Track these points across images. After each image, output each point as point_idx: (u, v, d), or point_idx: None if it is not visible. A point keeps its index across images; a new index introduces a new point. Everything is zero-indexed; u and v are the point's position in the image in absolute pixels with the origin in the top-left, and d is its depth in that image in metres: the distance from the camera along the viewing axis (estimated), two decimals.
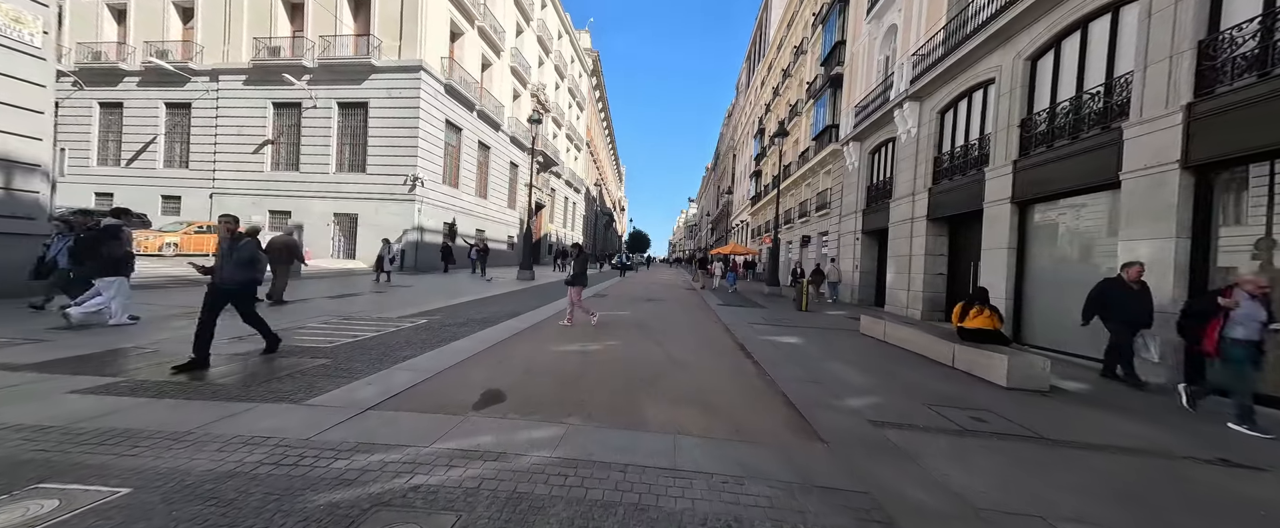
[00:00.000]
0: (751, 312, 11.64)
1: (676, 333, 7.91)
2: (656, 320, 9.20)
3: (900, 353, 7.00)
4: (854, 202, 16.46)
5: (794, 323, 9.97)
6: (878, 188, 15.22)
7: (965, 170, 10.56)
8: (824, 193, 20.33)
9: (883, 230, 14.55)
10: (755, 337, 7.84)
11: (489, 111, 24.73)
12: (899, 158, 13.24)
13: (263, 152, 20.03)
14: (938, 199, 11.38)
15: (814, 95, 21.45)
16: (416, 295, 10.89)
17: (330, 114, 19.44)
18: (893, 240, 13.28)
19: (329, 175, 19.44)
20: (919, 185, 12.06)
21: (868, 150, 15.77)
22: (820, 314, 11.99)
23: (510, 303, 10.40)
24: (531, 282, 17.31)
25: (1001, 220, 8.83)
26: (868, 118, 15.13)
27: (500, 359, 5.32)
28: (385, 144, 18.99)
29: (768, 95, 35.47)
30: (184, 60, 20.21)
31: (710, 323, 9.41)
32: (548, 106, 35.13)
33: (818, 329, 9.27)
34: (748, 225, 41.45)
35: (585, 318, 8.14)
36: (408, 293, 11.39)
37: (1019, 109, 8.70)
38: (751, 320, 9.97)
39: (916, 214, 12.09)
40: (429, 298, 10.54)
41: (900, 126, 13.02)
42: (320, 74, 19.29)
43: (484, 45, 24.38)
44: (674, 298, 14.65)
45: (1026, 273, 8.57)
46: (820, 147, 20.46)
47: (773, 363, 5.87)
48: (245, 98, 20.08)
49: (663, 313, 10.53)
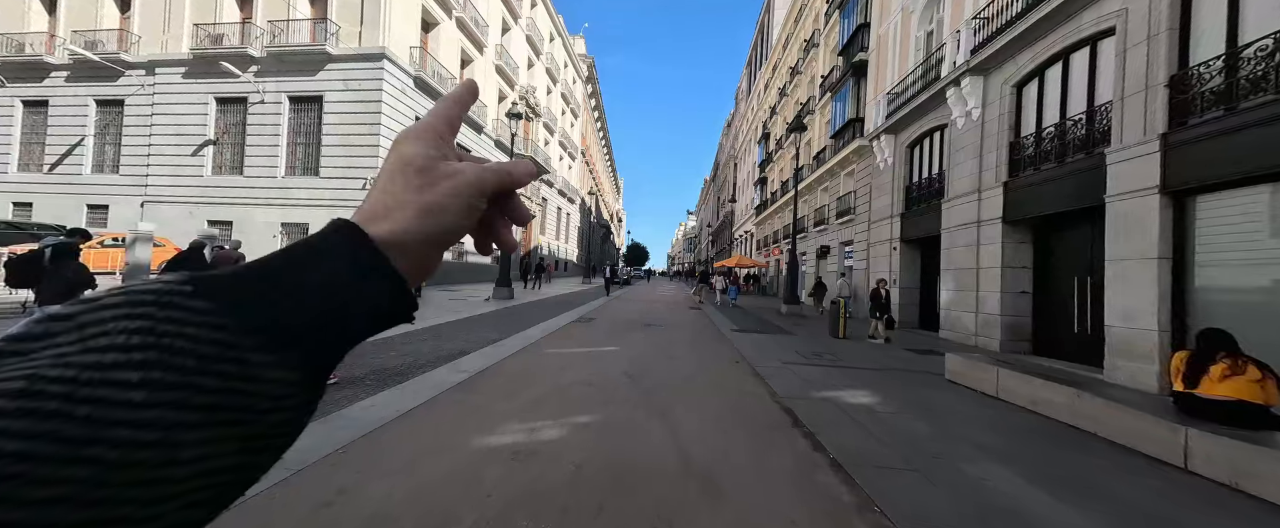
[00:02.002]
0: (778, 341, 8.98)
1: (687, 389, 5.23)
2: (656, 364, 6.52)
3: (1061, 431, 4.33)
4: (888, 205, 13.92)
5: (844, 360, 7.30)
6: (921, 187, 12.70)
7: (1062, 156, 8.03)
8: (846, 197, 17.83)
9: (930, 238, 11.98)
10: (808, 393, 5.18)
11: (470, 112, 22.30)
12: (954, 149, 10.74)
13: (203, 154, 17.49)
14: (1019, 196, 8.82)
15: (831, 89, 19.10)
16: None
17: (280, 110, 16.97)
18: (948, 250, 10.70)
19: (277, 180, 16.87)
20: (988, 180, 9.52)
21: (905, 144, 13.29)
22: (865, 344, 9.32)
23: (458, 337, 7.72)
24: (508, 301, 14.64)
25: (1143, 218, 6.25)
26: (904, 106, 12.69)
27: (342, 489, 2.63)
28: (342, 144, 16.48)
29: (773, 98, 33.32)
30: (119, 52, 17.79)
31: (732, 366, 6.73)
32: (538, 111, 32.89)
33: (882, 373, 6.61)
34: (752, 236, 38.98)
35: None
36: None
37: (1165, 62, 6.19)
38: (785, 357, 7.31)
39: (985, 216, 9.52)
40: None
41: (955, 109, 10.54)
42: (269, 64, 16.87)
43: (463, 39, 22.11)
44: (677, 320, 11.98)
45: (1192, 294, 5.95)
46: (840, 145, 18.04)
47: (871, 467, 3.20)
48: (185, 93, 17.62)
49: (664, 348, 7.85)
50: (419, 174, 0.33)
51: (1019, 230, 9.01)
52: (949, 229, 10.67)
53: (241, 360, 0.23)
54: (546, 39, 35.39)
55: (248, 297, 0.25)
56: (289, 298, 0.25)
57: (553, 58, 36.91)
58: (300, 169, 17.06)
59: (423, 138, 0.34)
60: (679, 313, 14.43)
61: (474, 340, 7.34)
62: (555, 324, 9.83)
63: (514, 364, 5.86)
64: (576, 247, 48.92)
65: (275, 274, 0.26)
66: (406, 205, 0.31)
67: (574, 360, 6.27)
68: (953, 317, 10.43)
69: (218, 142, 17.54)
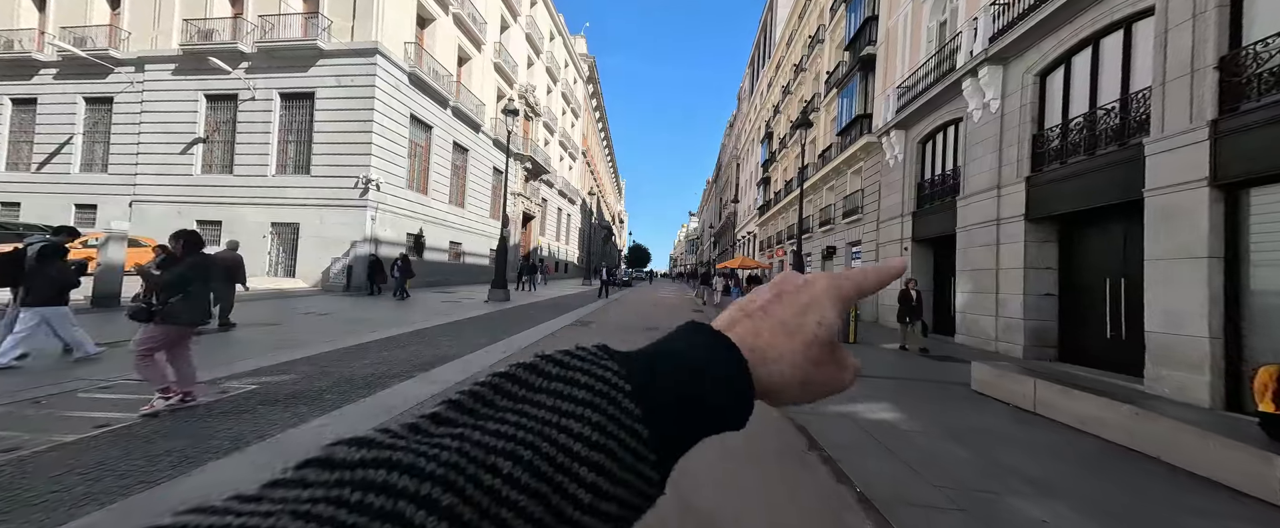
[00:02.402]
0: None
1: None
2: None
3: (1120, 457, 3.77)
4: (898, 203, 13.36)
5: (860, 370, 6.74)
6: (934, 184, 12.13)
7: (1092, 148, 7.46)
8: (853, 196, 17.26)
9: (944, 238, 11.42)
10: (823, 407, 4.63)
11: (467, 110, 21.90)
12: (971, 143, 10.17)
13: (192, 152, 17.06)
14: (1043, 192, 8.25)
15: (837, 84, 18.56)
16: (306, 330, 7.68)
17: (271, 106, 16.53)
18: (964, 250, 10.13)
19: (267, 178, 16.42)
20: (1009, 175, 8.96)
21: (917, 139, 12.73)
22: (878, 349, 8.76)
23: (441, 342, 7.19)
24: (504, 304, 14.14)
25: (1190, 213, 5.68)
26: (916, 99, 12.14)
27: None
28: (333, 141, 16.02)
29: (776, 97, 32.79)
30: (108, 48, 17.40)
31: None
32: (538, 110, 32.45)
33: (900, 383, 6.05)
34: (755, 237, 38.41)
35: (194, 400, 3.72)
36: (301, 325, 8.21)
37: (1214, 42, 5.62)
38: None
39: (1005, 214, 8.95)
40: (319, 334, 7.30)
41: (972, 101, 9.98)
42: (260, 60, 16.44)
43: (461, 36, 21.67)
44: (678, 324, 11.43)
45: (1246, 296, 5.38)
46: (847, 142, 17.48)
47: (907, 505, 2.66)
48: (174, 90, 17.20)
49: None
50: (824, 349, 0.34)
51: (1043, 228, 8.43)
52: (965, 228, 10.10)
53: (633, 431, 0.26)
54: (546, 38, 34.97)
55: (647, 378, 0.28)
56: (671, 390, 0.28)
57: (553, 57, 36.48)
58: (291, 168, 16.61)
59: (840, 305, 0.35)
60: (680, 314, 13.88)
61: (458, 346, 6.82)
62: (548, 328, 9.31)
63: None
64: (577, 248, 48.43)
65: (670, 368, 0.29)
66: (797, 369, 0.33)
67: None
68: (970, 320, 9.85)
69: (208, 140, 17.11)
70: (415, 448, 0.22)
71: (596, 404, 0.26)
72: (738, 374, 0.30)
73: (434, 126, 19.82)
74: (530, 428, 0.24)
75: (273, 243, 16.30)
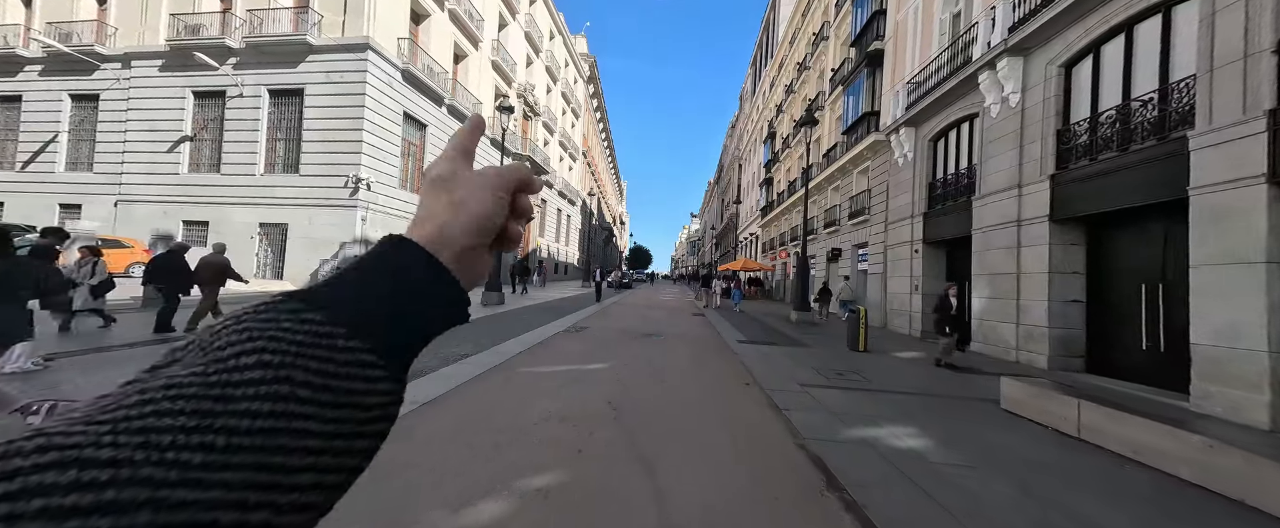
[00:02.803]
0: (792, 355, 7.87)
1: (685, 427, 4.14)
2: (649, 390, 5.45)
3: (1194, 498, 3.21)
4: (908, 204, 12.81)
5: (872, 381, 6.18)
6: (946, 184, 11.58)
7: (1124, 143, 6.91)
8: (859, 197, 16.71)
9: (956, 240, 10.88)
10: (839, 432, 4.09)
11: (464, 109, 21.42)
12: (988, 140, 9.63)
13: (179, 150, 16.60)
14: (1069, 191, 7.70)
15: (843, 81, 18.02)
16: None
17: (259, 104, 16.07)
18: (981, 253, 9.58)
19: (255, 177, 15.96)
20: (1031, 173, 8.40)
21: (928, 137, 12.18)
22: (892, 359, 8.20)
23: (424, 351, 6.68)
24: (497, 308, 13.62)
25: (1245, 214, 5.12)
26: (928, 95, 11.60)
27: None
28: (323, 139, 15.54)
29: (779, 96, 32.27)
30: (94, 44, 16.97)
31: (740, 390, 5.63)
32: (537, 109, 31.99)
33: (921, 400, 5.50)
34: (758, 239, 37.85)
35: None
36: None
37: (1271, 22, 5.07)
38: (803, 377, 6.22)
39: (1028, 214, 8.40)
40: None
41: (989, 96, 9.44)
42: (248, 56, 15.99)
43: (457, 32, 21.21)
44: (677, 329, 10.89)
45: None
46: (853, 141, 16.94)
47: None
48: (161, 87, 16.76)
49: (660, 365, 6.78)
50: (441, 182, 0.39)
51: (1069, 230, 7.88)
52: (982, 229, 9.55)
53: (332, 346, 0.28)
54: (546, 36, 34.53)
55: (325, 299, 0.30)
56: (360, 297, 0.31)
57: (553, 56, 36.03)
58: (280, 166, 16.14)
59: (441, 160, 0.41)
60: (680, 320, 13.35)
61: (440, 356, 6.29)
62: (540, 335, 8.78)
63: (475, 391, 4.80)
64: (578, 249, 47.93)
65: (345, 282, 0.32)
66: (438, 210, 0.38)
67: (550, 384, 5.20)
68: (987, 327, 9.29)
69: (195, 137, 16.66)
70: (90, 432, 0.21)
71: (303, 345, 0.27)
72: (391, 246, 0.35)
73: (429, 125, 19.35)
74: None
75: (260, 244, 15.82)
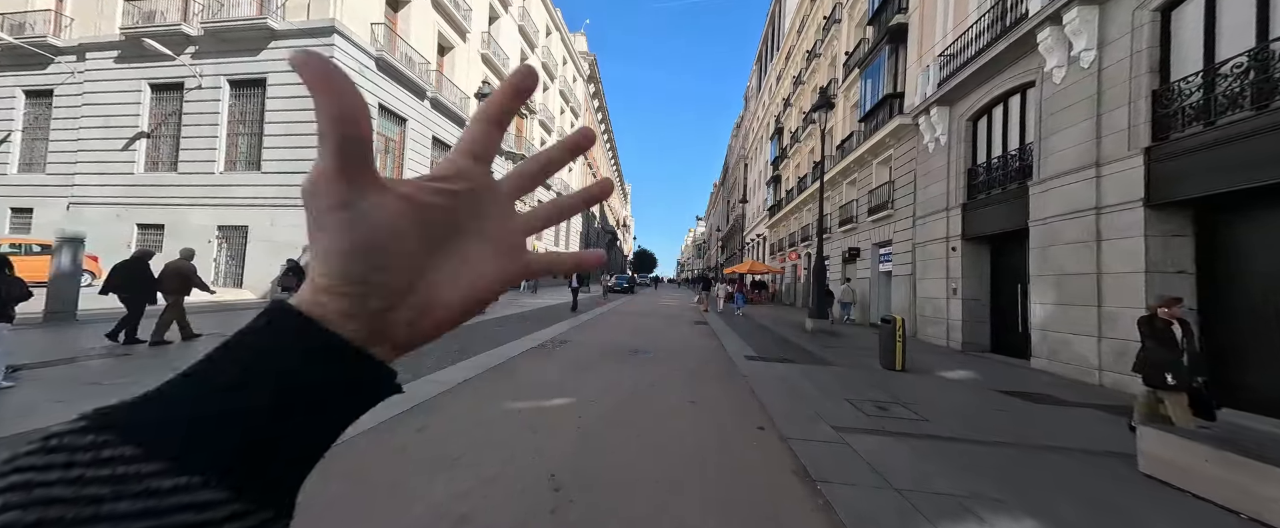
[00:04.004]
0: (814, 377, 6.19)
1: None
2: (619, 446, 3.83)
3: None
4: (941, 195, 11.11)
5: (934, 423, 4.49)
6: (991, 170, 9.88)
7: (1265, 99, 5.20)
8: (879, 190, 15.01)
9: (1005, 234, 9.19)
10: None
11: (450, 103, 20.03)
12: (1050, 111, 7.93)
13: (135, 148, 15.29)
14: (1174, 168, 6.00)
15: (860, 64, 16.36)
16: (184, 359, 5.67)
17: (219, 96, 14.72)
18: (1044, 249, 7.87)
19: (214, 176, 14.58)
20: (1115, 147, 6.70)
21: (966, 116, 10.50)
22: (937, 381, 6.50)
23: None
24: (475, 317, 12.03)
25: None
26: (965, 67, 9.94)
27: None
28: (287, 132, 14.14)
29: (786, 89, 30.64)
30: (47, 35, 15.76)
31: (751, 442, 3.98)
32: (532, 106, 30.61)
33: (1005, 452, 3.82)
34: (764, 240, 36.12)
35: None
36: (179, 354, 6.18)
37: None
38: (835, 414, 4.56)
39: (1111, 200, 6.70)
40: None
41: (1052, 57, 7.76)
42: (208, 44, 14.66)
43: (441, 21, 19.83)
44: (674, 343, 9.24)
45: None
46: (872, 129, 15.26)
47: None
48: (116, 80, 15.48)
49: (644, 400, 5.14)
50: (437, 200, 0.27)
51: (1171, 217, 6.17)
52: (1044, 221, 7.84)
53: (149, 490, 0.18)
54: (542, 32, 33.21)
55: (139, 420, 0.20)
56: (198, 409, 0.20)
57: (550, 52, 34.71)
58: (243, 163, 14.76)
59: (313, 182, 0.24)
60: (678, 331, 11.70)
61: None
62: (503, 354, 7.19)
63: (369, 448, 3.21)
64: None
65: (181, 387, 0.21)
66: (401, 251, 0.25)
67: (476, 440, 3.59)
68: (1055, 341, 7.56)
69: (152, 134, 15.34)
70: None
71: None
72: (267, 318, 0.23)
73: (409, 120, 17.92)
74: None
75: (219, 248, 14.41)
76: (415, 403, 4.35)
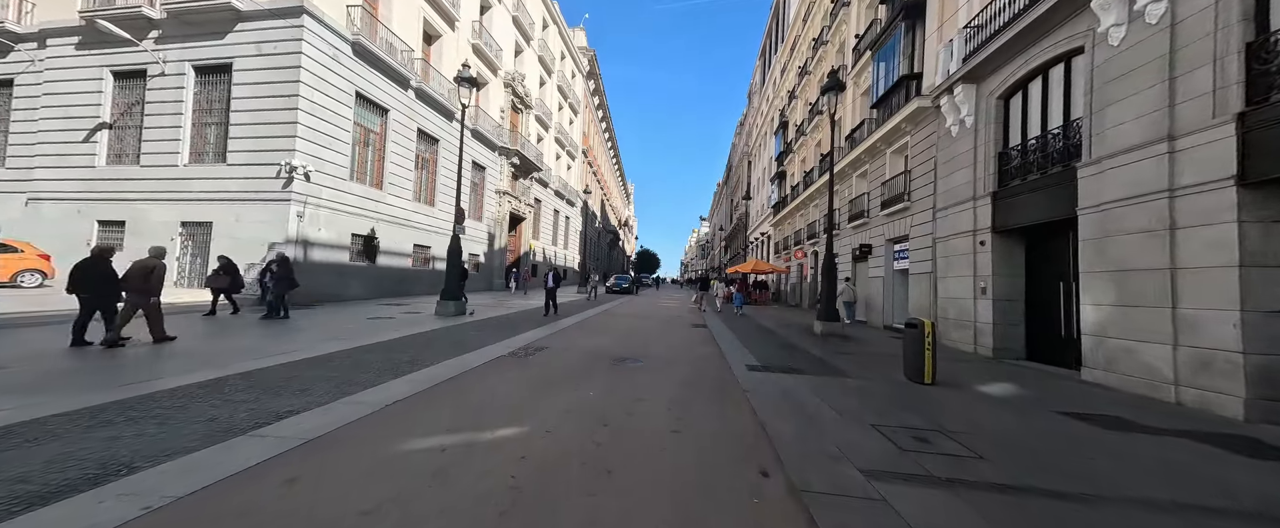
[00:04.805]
0: (827, 392, 5.04)
1: None
2: (568, 507, 2.74)
3: None
4: (968, 183, 9.95)
5: (992, 461, 3.31)
6: (1026, 152, 8.71)
7: None
8: (894, 181, 13.85)
9: (1044, 226, 8.04)
10: None
11: (437, 95, 19.03)
12: (1105, 79, 6.77)
13: (96, 140, 14.37)
14: (1275, 136, 4.84)
15: (872, 45, 15.20)
16: (142, 364, 4.63)
17: (183, 83, 13.77)
18: (1098, 240, 6.71)
19: (178, 168, 13.63)
20: (1194, 116, 5.55)
21: (996, 93, 9.34)
22: (975, 396, 5.36)
23: (245, 400, 4.02)
24: (453, 319, 11.03)
25: None
26: (996, 36, 8.80)
27: None
28: (253, 121, 13.16)
29: (791, 81, 29.47)
30: (5, 21, 14.88)
31: (753, 501, 2.88)
32: (528, 102, 29.61)
33: (1121, 510, 2.69)
34: (769, 239, 34.93)
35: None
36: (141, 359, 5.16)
37: None
38: (864, 453, 3.37)
39: (1190, 179, 5.54)
40: (164, 369, 4.23)
41: (1106, 16, 6.60)
42: (171, 28, 13.73)
43: (426, 7, 18.84)
44: (666, 350, 8.13)
45: None
46: (885, 115, 14.10)
47: None
48: (77, 67, 14.59)
49: (621, 422, 4.04)
50: None
51: (1275, 198, 5.00)
52: (1099, 207, 6.68)
53: None
54: (538, 25, 32.20)
55: None
56: None
57: (547, 46, 33.71)
58: (210, 155, 13.79)
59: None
60: (674, 334, 10.59)
61: (264, 411, 3.63)
62: (467, 362, 6.11)
63: (197, 511, 2.14)
64: (578, 253, 45.38)
65: None
66: None
67: (374, 493, 2.49)
68: (1113, 349, 6.39)
69: (114, 125, 14.41)
70: None
71: None
72: None
73: (391, 110, 16.93)
74: None
75: (182, 246, 13.45)
76: (306, 439, 3.27)
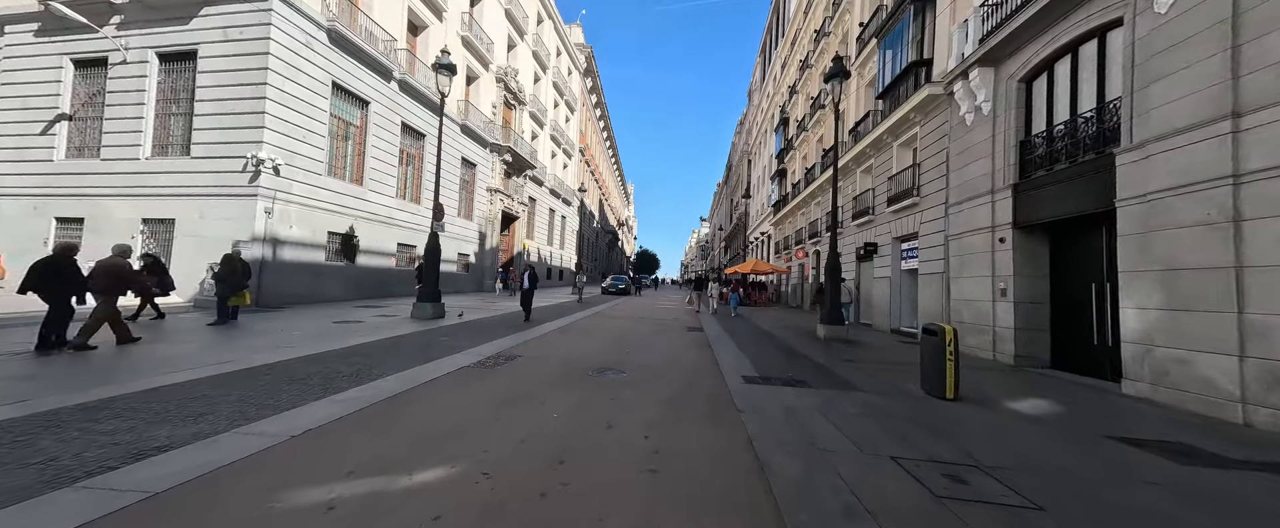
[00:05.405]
0: (835, 410, 4.23)
1: None
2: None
3: None
4: (985, 175, 9.16)
5: (1061, 518, 2.57)
6: (1052, 140, 7.91)
7: None
8: (901, 176, 13.05)
9: (1074, 220, 7.25)
10: None
11: (423, 88, 18.24)
12: (1150, 51, 5.98)
13: (55, 131, 13.57)
14: None
15: (877, 33, 14.41)
16: (85, 374, 3.83)
17: (146, 71, 12.97)
18: (1143, 236, 5.91)
19: (139, 162, 12.83)
20: (1262, 90, 4.76)
21: (1017, 77, 8.55)
22: (1008, 416, 4.56)
23: (167, 421, 3.22)
24: (430, 323, 10.24)
25: None
26: (1016, 15, 8.01)
27: None
28: (219, 111, 12.37)
29: (792, 76, 28.71)
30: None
31: None
32: (522, 97, 28.82)
33: None
34: (769, 238, 34.15)
35: None
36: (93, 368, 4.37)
37: None
38: (887, 502, 2.59)
39: (1256, 165, 4.75)
40: (112, 378, 3.43)
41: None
42: (134, 12, 12.93)
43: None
44: (657, 358, 7.31)
45: None
46: (892, 106, 13.32)
47: None
48: (36, 55, 13.79)
49: (582, 459, 3.24)
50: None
51: None
52: (1144, 197, 5.89)
53: None
54: (532, 19, 31.41)
55: None
56: None
57: (541, 41, 32.91)
58: (175, 147, 12.98)
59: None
60: (667, 339, 9.79)
61: (127, 447, 2.84)
62: (418, 376, 5.30)
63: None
64: (574, 253, 44.57)
65: None
66: None
67: None
68: (1163, 359, 5.59)
69: (74, 116, 13.62)
70: None
71: None
72: None
73: (372, 103, 16.13)
74: None
75: (144, 244, 12.63)
76: (148, 493, 2.46)
